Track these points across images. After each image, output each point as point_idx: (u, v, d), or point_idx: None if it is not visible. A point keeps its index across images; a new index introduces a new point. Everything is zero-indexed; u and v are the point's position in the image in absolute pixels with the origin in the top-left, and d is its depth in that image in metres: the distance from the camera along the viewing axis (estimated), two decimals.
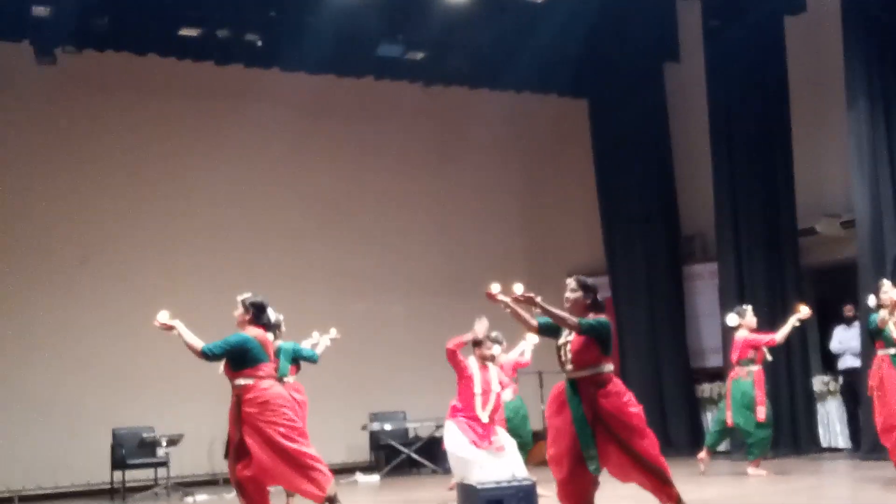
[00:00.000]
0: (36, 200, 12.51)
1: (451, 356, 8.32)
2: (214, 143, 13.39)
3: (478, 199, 15.15)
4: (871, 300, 9.07)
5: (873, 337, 8.95)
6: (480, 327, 8.28)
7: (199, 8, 11.77)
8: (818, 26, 12.30)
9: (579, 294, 6.27)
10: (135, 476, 11.73)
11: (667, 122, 14.42)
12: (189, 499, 10.78)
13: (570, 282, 6.34)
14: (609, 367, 6.13)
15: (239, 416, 6.69)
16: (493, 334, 8.82)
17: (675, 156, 14.40)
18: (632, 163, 14.23)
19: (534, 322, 6.25)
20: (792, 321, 10.16)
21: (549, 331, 6.27)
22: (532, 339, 9.82)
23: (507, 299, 6.23)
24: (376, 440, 13.11)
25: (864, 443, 11.02)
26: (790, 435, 12.18)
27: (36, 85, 12.19)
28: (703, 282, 13.93)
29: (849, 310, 11.86)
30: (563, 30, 12.64)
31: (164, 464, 11.25)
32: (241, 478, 6.71)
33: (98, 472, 11.80)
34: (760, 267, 12.55)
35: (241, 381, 6.73)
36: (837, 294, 12.37)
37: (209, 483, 12.48)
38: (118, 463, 11.50)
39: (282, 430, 6.59)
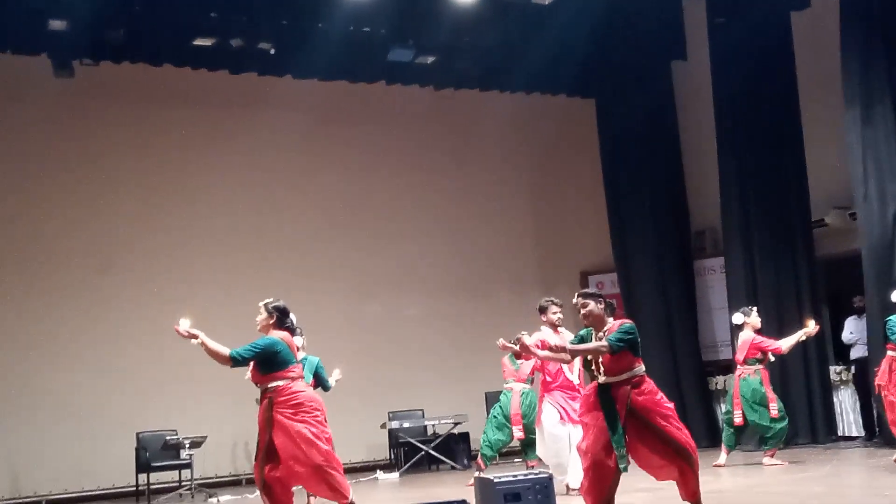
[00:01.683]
0: (56, 209, 12.75)
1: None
2: (229, 150, 13.60)
3: (489, 199, 15.31)
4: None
5: (890, 337, 9.00)
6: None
7: (213, 18, 11.95)
8: (823, 20, 12.40)
9: (591, 306, 6.46)
10: (159, 478, 11.89)
11: (675, 120, 14.57)
12: (213, 500, 10.90)
13: (578, 300, 6.57)
14: (641, 367, 6.35)
15: (270, 419, 6.66)
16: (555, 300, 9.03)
17: (684, 152, 14.55)
18: (640, 160, 14.37)
19: (568, 357, 6.77)
20: (799, 335, 10.39)
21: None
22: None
23: (542, 353, 6.63)
24: (395, 438, 13.28)
25: (878, 431, 11.14)
26: (807, 425, 12.32)
27: (54, 97, 12.42)
28: (715, 276, 14.08)
29: (859, 301, 11.99)
30: (569, 30, 12.78)
31: (188, 466, 11.39)
32: (268, 479, 6.70)
33: (123, 475, 12.00)
34: (771, 260, 12.67)
35: (273, 384, 6.71)
36: (849, 285, 12.48)
37: (233, 484, 12.68)
38: (143, 466, 11.65)
39: (315, 430, 6.61)
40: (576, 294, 6.47)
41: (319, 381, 9.01)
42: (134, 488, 11.83)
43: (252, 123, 13.62)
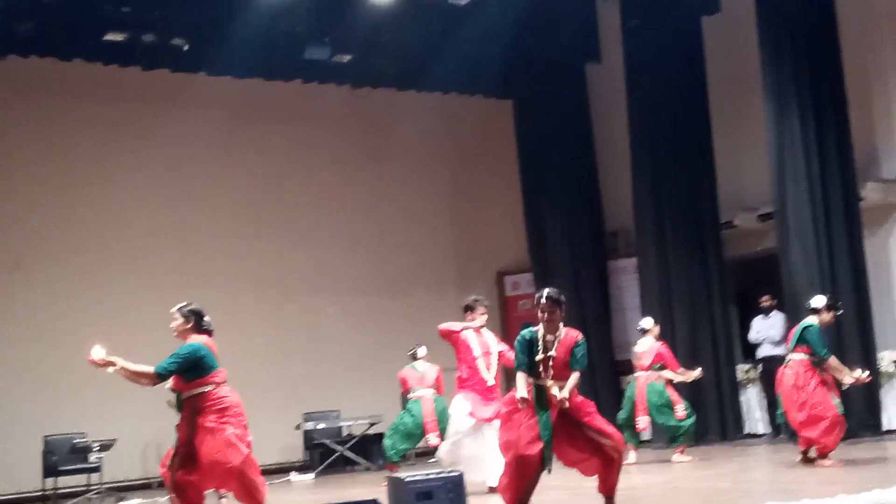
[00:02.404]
0: None
1: (446, 333, 8.59)
2: (142, 148, 13.38)
3: (407, 198, 15.32)
4: (818, 300, 9.27)
5: (805, 341, 9.07)
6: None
7: (125, 13, 11.71)
8: (733, 26, 12.68)
9: (557, 313, 6.49)
10: (67, 483, 11.66)
11: (590, 121, 14.77)
12: None
13: (546, 303, 6.46)
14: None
15: (194, 425, 6.50)
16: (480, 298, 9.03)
17: (598, 154, 14.76)
18: (556, 161, 14.54)
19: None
20: (685, 375, 10.67)
21: None
22: None
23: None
24: (310, 439, 13.21)
25: (783, 428, 11.41)
26: (717, 422, 12.56)
27: None
28: (628, 276, 14.30)
29: (766, 300, 12.29)
30: (487, 31, 12.86)
31: (97, 469, 11.19)
32: (181, 481, 6.57)
33: (30, 479, 11.71)
34: (682, 260, 12.90)
35: (198, 391, 6.53)
36: (756, 285, 12.78)
37: (143, 487, 12.46)
38: (50, 470, 11.42)
39: (238, 432, 6.48)
40: (544, 295, 6.41)
41: None
42: (41, 493, 11.58)
43: (166, 121, 13.40)
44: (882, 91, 11.92)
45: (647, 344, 10.86)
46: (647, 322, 11.07)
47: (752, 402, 12.85)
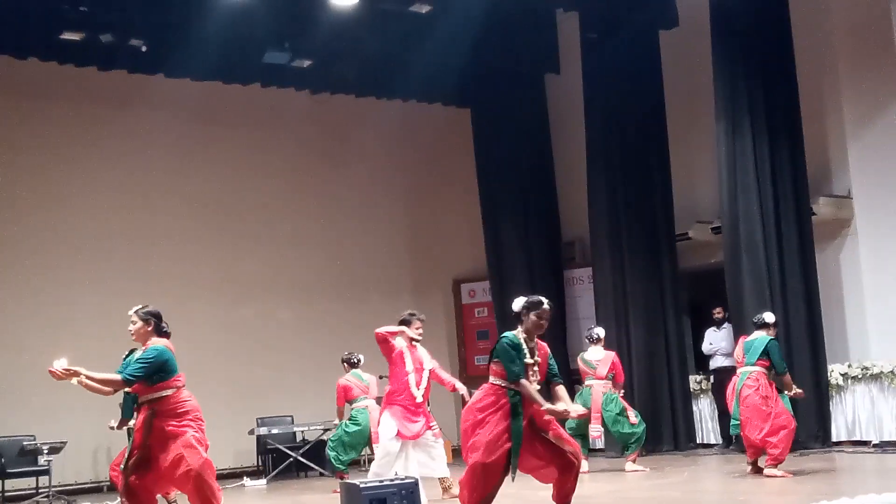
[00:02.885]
0: None
1: (382, 340, 8.45)
2: (97, 150, 13.24)
3: (364, 205, 15.31)
4: (770, 316, 9.49)
5: (766, 355, 9.21)
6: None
7: (82, 11, 11.56)
8: (690, 41, 12.83)
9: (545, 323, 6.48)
10: (15, 485, 11.54)
11: (548, 132, 14.87)
12: None
13: (547, 311, 6.41)
14: None
15: (151, 428, 6.41)
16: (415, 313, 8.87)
17: (556, 164, 14.86)
18: (514, 171, 14.61)
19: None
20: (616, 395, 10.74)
21: None
22: None
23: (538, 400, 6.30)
24: (263, 444, 13.13)
25: (734, 439, 11.54)
26: (670, 432, 12.66)
27: None
28: (583, 285, 14.40)
29: (718, 312, 12.44)
30: (447, 40, 12.85)
31: (47, 472, 11.03)
32: (133, 485, 6.46)
33: None
34: (637, 271, 13.00)
35: (159, 394, 6.45)
36: (709, 297, 12.93)
37: (93, 490, 12.35)
38: None
39: (198, 436, 6.42)
40: (546, 303, 6.40)
41: None
42: None
43: (123, 122, 13.29)
44: (835, 108, 12.10)
45: (600, 353, 10.93)
46: (601, 331, 11.15)
47: (704, 412, 12.98)
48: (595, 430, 10.76)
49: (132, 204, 13.52)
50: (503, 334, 6.47)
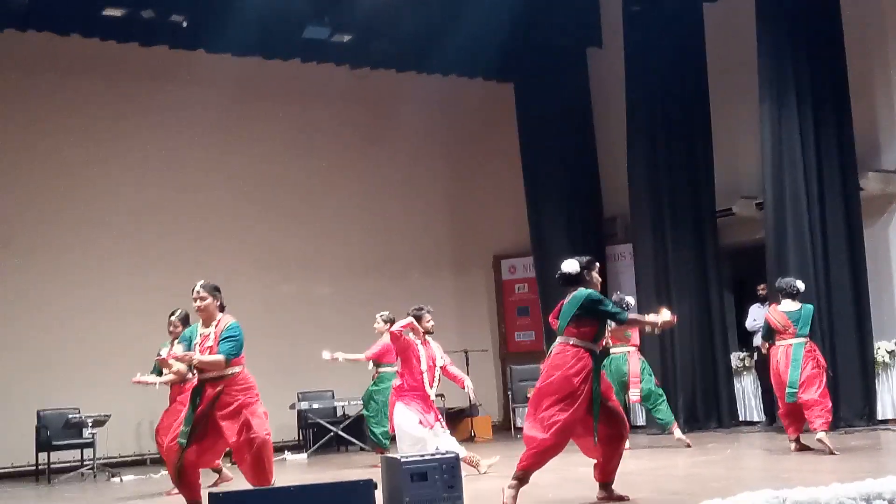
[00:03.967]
0: None
1: (396, 339, 8.53)
2: (138, 125, 13.32)
3: (405, 181, 15.28)
4: (801, 284, 9.44)
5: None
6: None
7: None
8: (734, 13, 12.63)
9: None
10: (60, 457, 11.70)
11: (590, 106, 14.73)
12: (116, 479, 10.75)
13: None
14: None
15: (215, 403, 6.46)
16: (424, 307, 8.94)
17: (598, 139, 14.72)
18: (556, 146, 14.50)
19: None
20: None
21: None
22: None
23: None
24: (304, 419, 13.21)
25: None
26: (714, 410, 12.55)
27: None
28: (625, 262, 14.28)
29: (762, 288, 12.28)
30: (489, 13, 12.76)
31: (91, 445, 11.18)
32: (188, 464, 6.57)
33: (23, 453, 11.76)
34: (679, 247, 12.86)
35: (231, 371, 6.50)
36: (753, 273, 12.77)
37: (136, 464, 12.48)
38: (43, 444, 11.43)
39: (263, 410, 6.56)
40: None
41: None
42: (34, 467, 11.58)
43: (163, 98, 13.34)
44: (884, 81, 11.85)
45: None
46: (631, 300, 11.03)
47: (746, 389, 12.86)
48: (633, 394, 10.66)
49: (173, 179, 13.60)
50: (583, 292, 6.43)
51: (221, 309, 6.73)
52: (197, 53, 12.86)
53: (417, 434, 8.37)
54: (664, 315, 6.48)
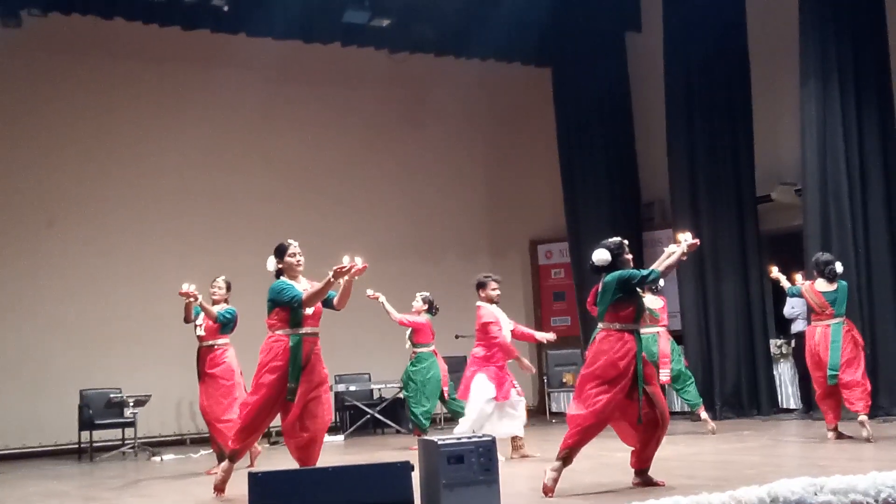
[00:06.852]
0: (1, 164, 12.54)
1: (483, 328, 8.74)
2: (181, 108, 13.43)
3: (443, 164, 15.31)
4: (840, 267, 9.41)
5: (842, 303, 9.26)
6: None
7: None
8: None
9: None
10: (102, 436, 11.87)
11: (628, 91, 14.66)
12: (156, 458, 10.89)
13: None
14: None
15: (311, 359, 6.93)
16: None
17: (636, 124, 14.66)
18: (594, 131, 14.46)
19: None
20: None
21: None
22: None
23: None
24: (341, 401, 13.31)
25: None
26: (752, 397, 12.49)
27: (0, 48, 12.17)
28: (663, 247, 14.16)
29: (801, 275, 12.16)
30: None
31: (132, 424, 11.35)
32: (301, 443, 6.68)
33: (66, 432, 11.95)
34: (718, 233, 12.79)
35: (312, 329, 7.10)
36: (792, 260, 12.66)
37: (176, 443, 12.65)
38: (86, 423, 11.61)
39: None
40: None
41: None
42: (77, 446, 11.77)
43: (204, 81, 13.46)
44: None
45: (659, 302, 10.88)
46: (661, 281, 11.02)
47: (784, 376, 12.79)
48: (664, 374, 10.66)
49: (213, 162, 13.72)
50: (612, 277, 6.57)
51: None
52: (238, 37, 12.94)
53: (485, 409, 8.57)
54: (685, 238, 6.62)
